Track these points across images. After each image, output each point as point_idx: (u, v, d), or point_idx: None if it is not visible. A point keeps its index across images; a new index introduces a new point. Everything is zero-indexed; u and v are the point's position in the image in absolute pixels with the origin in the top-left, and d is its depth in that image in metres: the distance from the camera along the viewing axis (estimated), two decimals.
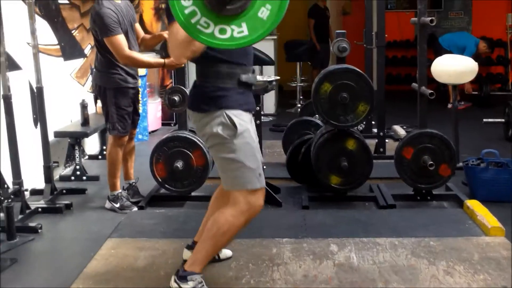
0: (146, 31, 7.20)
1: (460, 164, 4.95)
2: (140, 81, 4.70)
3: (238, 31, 2.35)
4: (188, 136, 4.34)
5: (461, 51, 8.10)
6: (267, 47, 8.36)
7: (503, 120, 6.69)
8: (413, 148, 4.36)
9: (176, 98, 4.36)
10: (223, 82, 2.75)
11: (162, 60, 4.20)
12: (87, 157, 6.06)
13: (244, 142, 2.74)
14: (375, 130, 6.18)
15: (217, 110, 2.72)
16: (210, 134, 2.75)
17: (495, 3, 11.09)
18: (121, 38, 4.11)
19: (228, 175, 2.80)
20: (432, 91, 4.35)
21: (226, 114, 2.70)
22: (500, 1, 11.10)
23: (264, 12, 2.35)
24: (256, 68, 7.99)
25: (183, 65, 4.30)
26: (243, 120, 2.74)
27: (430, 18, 4.33)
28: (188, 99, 2.95)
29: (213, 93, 2.74)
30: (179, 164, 4.28)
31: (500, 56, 11.11)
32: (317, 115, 5.13)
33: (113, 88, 4.28)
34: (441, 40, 8.90)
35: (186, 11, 2.35)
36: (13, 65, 4.54)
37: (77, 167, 5.29)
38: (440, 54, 5.81)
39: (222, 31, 2.36)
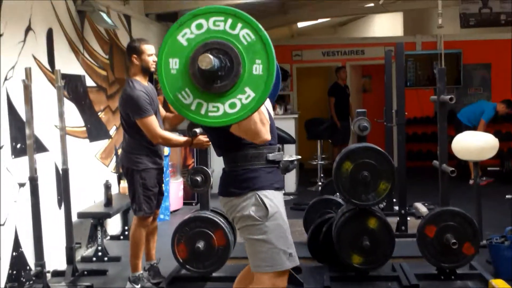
0: (170, 111, 7.37)
1: (484, 242, 4.88)
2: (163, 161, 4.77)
3: (212, 110, 2.43)
4: (210, 216, 4.36)
5: (479, 116, 8.13)
6: (288, 126, 8.48)
7: None
8: (435, 226, 4.33)
9: (199, 178, 4.39)
10: (252, 163, 2.80)
11: (189, 139, 4.31)
12: (109, 237, 6.09)
13: (276, 223, 2.76)
14: (396, 208, 6.14)
15: (249, 192, 2.76)
16: (242, 216, 2.77)
17: None
18: (153, 119, 4.24)
19: (258, 257, 2.79)
20: (453, 169, 4.35)
21: (258, 195, 2.74)
22: None
23: (244, 98, 2.42)
24: None
25: (207, 146, 4.38)
26: (274, 200, 2.77)
27: (449, 96, 4.37)
28: (218, 187, 2.98)
29: (243, 176, 2.78)
30: (201, 245, 4.28)
31: None
32: (338, 194, 5.14)
33: (141, 169, 4.36)
34: (460, 116, 8.94)
35: (179, 95, 2.44)
36: (40, 147, 4.67)
37: (99, 247, 5.32)
38: (461, 130, 5.84)
39: (214, 109, 2.43)
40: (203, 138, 4.24)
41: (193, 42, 2.44)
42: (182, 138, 4.43)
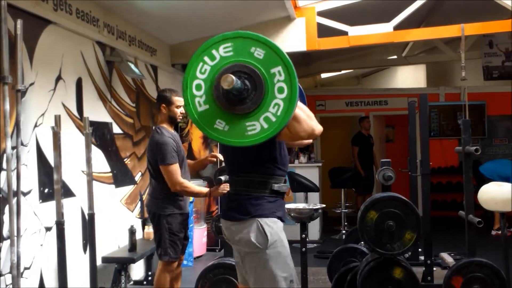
0: (194, 158, 7.45)
1: None
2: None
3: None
4: (233, 263, 4.35)
5: (504, 180, 8.04)
6: (312, 174, 8.50)
7: None
8: (462, 277, 4.28)
9: (223, 178, 4.37)
10: (256, 191, 2.83)
11: (207, 190, 4.37)
12: (132, 282, 6.08)
13: (276, 251, 2.79)
14: (422, 258, 6.07)
15: (250, 218, 2.79)
16: (243, 242, 2.80)
17: None
18: (176, 167, 4.32)
19: (259, 285, 2.81)
20: (480, 220, 4.32)
21: (259, 222, 2.76)
22: None
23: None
24: (301, 194, 8.12)
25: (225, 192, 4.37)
26: (275, 228, 2.80)
27: (475, 148, 4.38)
28: (222, 210, 3.02)
29: (246, 201, 2.81)
30: None
31: None
32: (362, 242, 5.11)
33: (167, 214, 4.41)
34: (482, 170, 8.87)
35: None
36: (67, 192, 4.74)
37: None
38: (484, 183, 5.79)
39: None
40: (224, 187, 4.23)
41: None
42: (200, 188, 4.48)
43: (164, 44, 7.35)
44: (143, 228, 6.18)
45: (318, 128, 2.80)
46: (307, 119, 2.74)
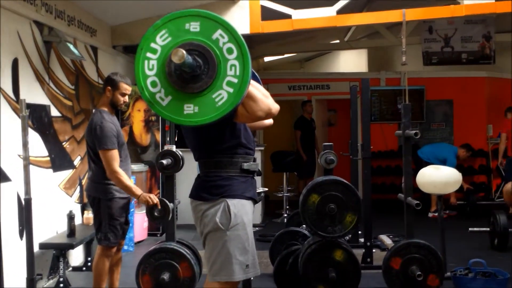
0: (135, 143, 7.35)
1: (448, 274, 4.93)
2: None
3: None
4: (175, 247, 4.30)
5: (442, 163, 8.25)
6: None
7: (488, 229, 6.74)
8: (401, 259, 4.35)
9: (157, 213, 4.27)
10: (226, 171, 2.82)
11: (140, 192, 4.22)
12: (71, 268, 5.97)
13: (236, 234, 2.80)
14: (361, 240, 6.18)
15: (219, 198, 2.78)
16: (208, 221, 2.80)
17: (475, 115, 11.48)
18: (115, 154, 4.24)
19: (215, 265, 2.85)
20: (418, 202, 4.40)
21: (227, 203, 2.76)
22: (480, 113, 11.49)
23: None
24: None
25: (154, 203, 4.12)
26: (241, 210, 2.80)
27: (414, 131, 4.45)
28: (191, 190, 3.00)
29: (215, 182, 2.82)
30: (166, 276, 4.21)
31: (482, 165, 11.35)
32: (304, 225, 5.15)
33: (108, 198, 4.34)
34: (420, 153, 9.08)
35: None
36: (3, 177, 4.59)
37: (61, 279, 5.20)
38: (422, 166, 5.92)
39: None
40: (151, 197, 4.10)
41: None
42: (132, 186, 4.29)
43: (105, 25, 7.19)
44: (83, 213, 6.07)
45: (275, 107, 2.80)
46: (263, 98, 2.74)
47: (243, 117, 2.76)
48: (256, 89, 2.72)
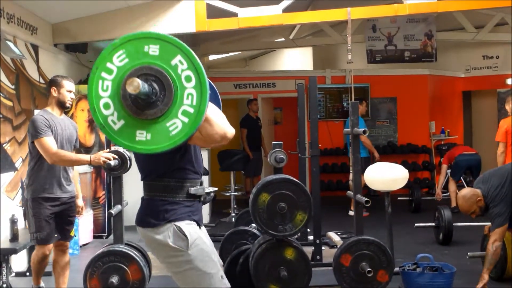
0: (79, 143, 7.19)
1: (397, 269, 4.98)
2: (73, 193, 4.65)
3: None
4: (124, 250, 4.21)
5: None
6: None
7: (433, 224, 6.87)
8: (351, 255, 4.38)
9: (112, 163, 4.12)
10: (172, 195, 2.74)
11: (88, 156, 4.34)
12: (14, 274, 5.77)
13: (199, 249, 2.72)
14: (310, 238, 6.19)
15: (166, 223, 2.69)
16: (162, 248, 2.70)
17: (418, 112, 11.73)
18: (49, 140, 4.29)
19: (191, 286, 2.74)
20: (368, 199, 4.43)
21: (175, 226, 2.68)
22: (423, 111, 11.74)
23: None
24: None
25: (105, 162, 4.09)
26: (192, 229, 2.72)
27: (363, 129, 4.49)
28: (136, 215, 2.89)
29: (161, 207, 2.72)
30: (115, 279, 4.12)
31: (426, 161, 11.60)
32: (253, 224, 5.12)
33: (33, 198, 4.38)
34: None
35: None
36: None
37: (4, 285, 5.04)
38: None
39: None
40: (103, 155, 4.14)
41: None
42: (78, 156, 4.47)
43: (46, 23, 6.99)
44: (25, 217, 5.87)
45: (230, 131, 2.69)
46: (219, 121, 2.64)
47: (197, 139, 2.67)
48: (213, 112, 2.64)
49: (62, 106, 4.55)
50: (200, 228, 2.86)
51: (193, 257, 2.69)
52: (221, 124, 2.64)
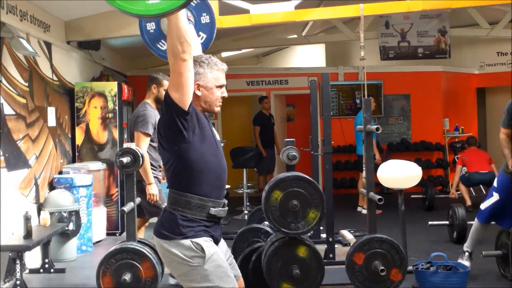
0: (92, 141, 7.21)
1: (410, 268, 4.95)
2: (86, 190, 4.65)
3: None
4: (136, 247, 4.22)
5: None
6: None
7: (447, 222, 6.82)
8: (364, 254, 4.35)
9: (124, 160, 4.14)
10: (192, 213, 2.72)
11: (150, 179, 4.88)
12: (27, 271, 5.80)
13: (215, 265, 2.70)
14: (323, 235, 6.16)
15: (182, 238, 2.68)
16: (178, 261, 2.69)
17: (432, 109, 11.64)
18: (147, 140, 4.89)
19: None
20: (381, 197, 4.40)
21: (191, 242, 2.66)
22: (436, 108, 11.65)
23: None
24: None
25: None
26: (208, 243, 2.70)
27: (376, 126, 4.45)
28: (156, 225, 2.89)
29: (179, 222, 2.70)
30: (127, 277, 4.13)
31: (439, 159, 11.52)
32: (266, 222, 5.10)
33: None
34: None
35: None
36: None
37: (18, 282, 5.05)
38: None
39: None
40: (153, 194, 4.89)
41: None
42: (148, 171, 4.88)
43: (59, 20, 7.01)
44: (39, 214, 5.90)
45: (188, 43, 2.48)
46: (186, 30, 2.47)
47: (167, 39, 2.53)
48: (187, 23, 2.50)
49: (159, 102, 4.97)
50: (217, 244, 2.85)
51: (209, 272, 2.67)
52: (185, 32, 2.48)
